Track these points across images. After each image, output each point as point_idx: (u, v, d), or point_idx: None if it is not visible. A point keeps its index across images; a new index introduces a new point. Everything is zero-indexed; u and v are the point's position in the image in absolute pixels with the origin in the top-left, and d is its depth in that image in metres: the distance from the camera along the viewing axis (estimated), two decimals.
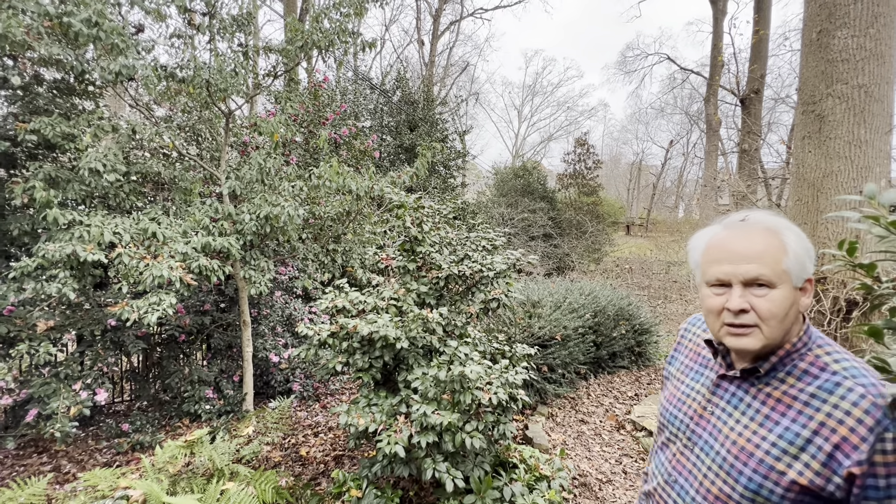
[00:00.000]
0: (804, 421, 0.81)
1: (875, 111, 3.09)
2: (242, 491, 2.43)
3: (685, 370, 1.07)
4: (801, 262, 0.85)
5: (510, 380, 2.68)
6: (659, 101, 25.12)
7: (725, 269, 0.86)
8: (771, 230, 0.86)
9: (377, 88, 11.35)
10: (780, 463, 0.81)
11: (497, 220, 12.25)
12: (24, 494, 2.49)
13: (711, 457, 0.91)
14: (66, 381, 3.34)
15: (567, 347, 4.82)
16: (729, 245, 0.87)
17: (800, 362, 0.86)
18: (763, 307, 0.82)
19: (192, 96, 4.08)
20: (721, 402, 0.94)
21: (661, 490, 1.02)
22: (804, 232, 2.86)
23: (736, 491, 0.85)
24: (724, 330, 0.87)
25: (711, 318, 0.90)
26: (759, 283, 0.83)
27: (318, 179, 3.78)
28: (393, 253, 3.33)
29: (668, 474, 1.01)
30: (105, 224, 3.15)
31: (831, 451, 0.77)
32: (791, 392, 0.85)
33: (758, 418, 0.87)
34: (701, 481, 0.92)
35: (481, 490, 2.65)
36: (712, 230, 0.94)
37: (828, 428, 0.78)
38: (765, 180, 10.90)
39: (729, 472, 0.87)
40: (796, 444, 0.80)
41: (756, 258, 0.83)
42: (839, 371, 0.82)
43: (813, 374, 0.84)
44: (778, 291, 0.83)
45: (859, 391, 0.78)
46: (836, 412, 0.78)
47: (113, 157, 3.37)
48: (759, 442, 0.84)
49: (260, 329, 4.80)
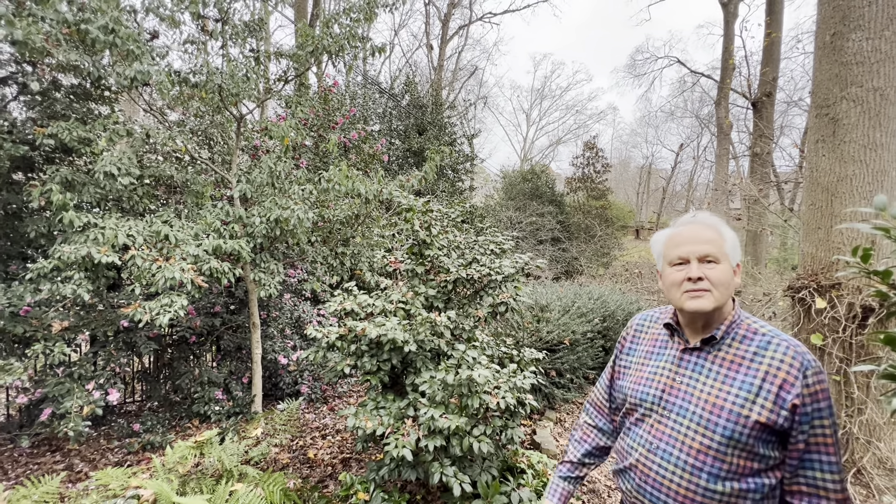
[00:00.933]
0: (754, 373, 1.04)
1: (891, 114, 3.04)
2: (251, 492, 2.45)
3: (647, 356, 1.25)
4: (735, 249, 1.12)
5: (518, 384, 2.66)
6: (669, 105, 24.94)
7: (686, 249, 1.11)
8: (713, 226, 1.14)
9: (386, 93, 11.43)
10: (744, 409, 1.02)
11: (505, 223, 12.24)
12: (38, 492, 2.53)
13: (689, 417, 1.09)
14: (80, 380, 3.39)
15: (576, 352, 4.79)
16: (687, 234, 1.13)
17: (738, 330, 1.10)
18: (713, 275, 1.08)
19: (204, 101, 4.14)
20: (687, 372, 1.13)
21: (643, 460, 1.15)
22: (818, 237, 2.84)
23: (714, 441, 1.04)
24: (685, 296, 1.10)
25: (674, 290, 1.13)
26: (709, 260, 1.09)
27: (327, 183, 3.81)
28: (401, 256, 3.34)
29: (650, 443, 1.15)
30: (119, 226, 3.20)
31: (777, 391, 1.00)
32: (739, 353, 1.08)
33: (720, 378, 1.08)
34: (682, 440, 1.09)
35: (489, 495, 2.63)
36: (669, 230, 1.20)
37: (771, 375, 1.02)
38: (777, 184, 10.76)
39: (706, 426, 1.05)
40: (753, 392, 1.02)
41: (707, 242, 1.10)
42: (766, 333, 1.07)
43: (749, 337, 1.08)
44: (722, 266, 1.09)
45: (784, 345, 1.04)
46: (774, 362, 1.02)
47: (127, 160, 3.43)
48: (726, 396, 1.05)
49: (269, 331, 4.83)
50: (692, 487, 1.05)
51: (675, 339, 1.19)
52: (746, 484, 1.02)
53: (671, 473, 1.09)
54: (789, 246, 11.39)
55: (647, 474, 1.13)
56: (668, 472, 1.09)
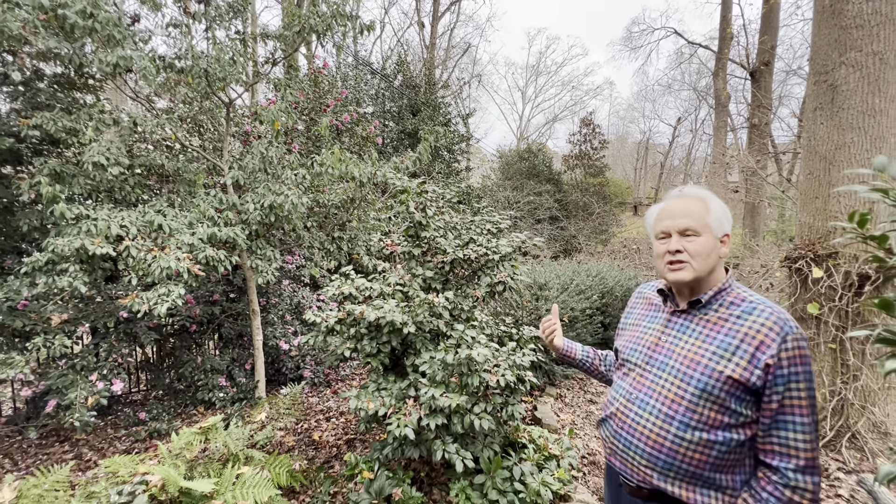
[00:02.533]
0: (734, 334, 1.10)
1: (890, 79, 2.99)
2: (257, 475, 2.49)
3: (641, 318, 1.35)
4: (720, 220, 1.17)
5: (517, 362, 2.69)
6: (666, 78, 24.58)
7: (666, 224, 1.20)
8: (699, 198, 1.19)
9: (378, 73, 11.21)
10: (719, 365, 1.08)
11: (502, 203, 12.17)
12: (49, 481, 2.57)
13: (667, 371, 1.17)
14: (83, 372, 3.42)
15: (575, 329, 4.82)
16: (670, 209, 1.21)
17: (727, 297, 1.17)
18: (691, 248, 1.15)
19: (191, 87, 4.05)
20: (672, 332, 1.22)
21: (622, 409, 1.24)
22: (816, 206, 2.83)
23: (688, 392, 1.11)
24: (667, 268, 1.19)
25: (659, 262, 1.22)
26: (689, 233, 1.16)
27: (320, 167, 3.77)
28: (398, 239, 3.33)
29: (630, 393, 1.24)
30: (112, 217, 3.17)
31: (753, 351, 1.06)
32: (723, 316, 1.14)
33: (701, 337, 1.15)
34: (659, 391, 1.17)
35: (491, 470, 2.69)
36: (659, 204, 1.28)
37: (750, 336, 1.08)
38: (775, 155, 10.68)
39: (682, 378, 1.13)
40: (729, 350, 1.09)
41: (686, 216, 1.17)
42: (753, 301, 1.13)
43: (736, 304, 1.15)
44: (702, 238, 1.15)
45: (768, 311, 1.09)
46: (755, 325, 1.08)
47: (116, 150, 3.38)
48: (704, 353, 1.12)
49: (269, 318, 4.85)
50: (663, 434, 1.13)
51: (666, 304, 1.28)
52: (715, 436, 1.08)
53: (645, 420, 1.17)
54: (787, 218, 11.38)
55: (624, 421, 1.22)
56: (643, 419, 1.17)
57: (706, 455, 1.09)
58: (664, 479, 1.13)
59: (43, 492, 2.48)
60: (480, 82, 24.73)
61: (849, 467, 2.93)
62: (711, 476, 1.10)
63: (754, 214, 10.04)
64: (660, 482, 1.14)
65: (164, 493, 2.29)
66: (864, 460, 2.97)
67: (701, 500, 1.11)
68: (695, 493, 1.11)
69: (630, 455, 1.20)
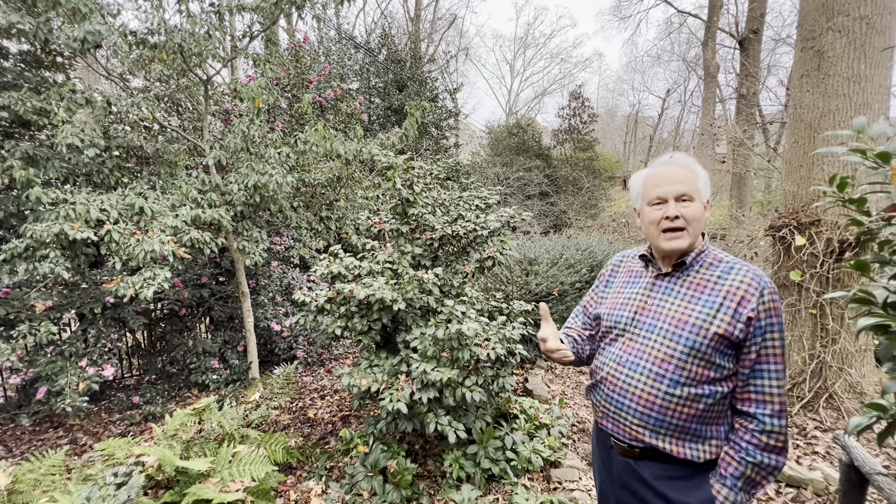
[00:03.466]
0: (717, 293, 1.16)
1: (876, 44, 2.98)
2: (253, 452, 2.53)
3: (623, 285, 1.37)
4: (706, 186, 1.22)
5: (508, 335, 2.72)
6: (655, 48, 24.26)
7: (663, 189, 1.20)
8: (687, 165, 1.23)
9: (362, 47, 10.89)
10: (706, 323, 1.14)
11: (492, 180, 12.10)
12: (45, 466, 2.58)
13: (656, 332, 1.21)
14: (72, 358, 3.39)
15: (564, 302, 4.88)
16: (664, 175, 1.23)
17: (706, 259, 1.22)
18: (688, 213, 1.18)
19: (166, 63, 3.90)
20: (658, 295, 1.26)
21: (612, 373, 1.27)
22: (800, 175, 2.84)
23: (677, 350, 1.16)
24: (663, 236, 1.21)
25: (652, 229, 1.23)
26: (684, 198, 1.19)
27: (304, 145, 3.69)
28: (385, 216, 3.30)
29: (619, 357, 1.27)
30: (90, 201, 3.09)
31: (736, 307, 1.12)
32: (705, 277, 1.20)
33: (686, 298, 1.20)
34: (648, 352, 1.21)
35: (483, 440, 2.76)
36: (646, 170, 1.29)
37: (731, 293, 1.14)
38: (762, 125, 10.70)
39: (671, 338, 1.18)
40: (714, 308, 1.14)
41: (682, 181, 1.20)
42: (730, 261, 1.20)
43: (715, 265, 1.21)
44: (695, 203, 1.19)
45: (745, 269, 1.16)
46: (734, 283, 1.15)
47: (90, 131, 3.27)
48: (691, 312, 1.17)
49: (259, 299, 4.83)
50: (654, 392, 1.18)
51: (649, 269, 1.31)
52: (702, 390, 1.14)
53: (636, 381, 1.21)
54: (773, 189, 11.49)
55: (616, 384, 1.25)
56: (634, 380, 1.21)
57: (694, 409, 1.15)
58: (655, 436, 1.18)
59: (39, 476, 2.49)
60: (468, 56, 24.20)
61: (825, 426, 3.06)
62: (698, 428, 1.17)
63: (741, 185, 10.11)
64: (651, 439, 1.19)
65: (160, 473, 2.32)
66: (840, 419, 3.10)
67: (690, 452, 1.17)
68: (683, 447, 1.17)
69: (622, 416, 1.24)
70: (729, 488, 1.12)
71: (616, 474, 1.30)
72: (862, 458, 1.42)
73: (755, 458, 1.10)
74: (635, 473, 1.23)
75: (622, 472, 1.28)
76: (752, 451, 1.11)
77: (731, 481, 1.12)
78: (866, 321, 0.80)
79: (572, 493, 2.60)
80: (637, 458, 1.23)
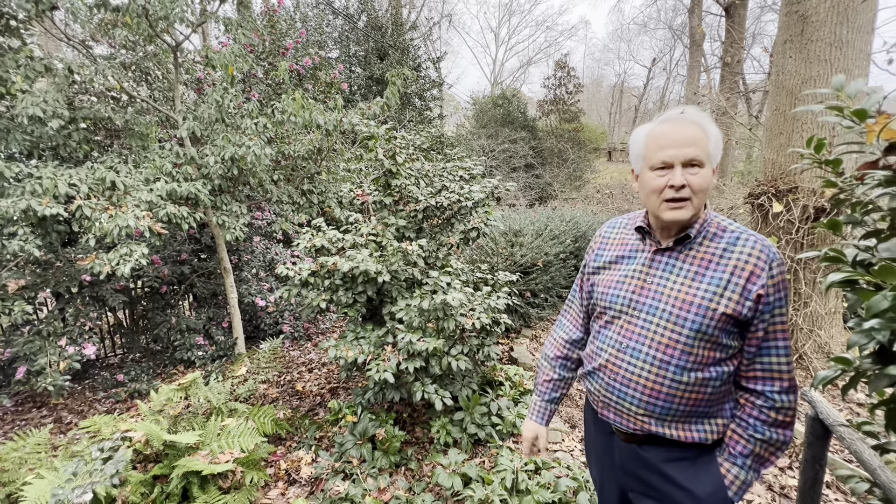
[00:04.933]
0: (723, 269, 1.05)
1: (859, 8, 2.96)
2: (242, 425, 2.55)
3: (616, 260, 1.23)
4: (718, 149, 1.06)
5: (492, 305, 2.75)
6: (642, 15, 23.80)
7: (670, 153, 1.04)
8: (699, 122, 1.05)
9: (340, 13, 10.44)
10: (712, 303, 1.04)
11: (477, 152, 11.97)
12: (29, 444, 2.56)
13: (658, 315, 1.10)
14: (50, 338, 3.33)
15: (549, 273, 4.94)
16: (671, 135, 1.05)
17: (710, 229, 1.10)
18: (696, 182, 1.03)
19: (131, 28, 3.67)
20: (658, 272, 1.13)
21: (613, 360, 1.17)
22: (780, 142, 2.85)
23: (683, 334, 1.06)
24: (664, 206, 1.06)
25: (653, 198, 1.08)
26: (693, 164, 1.03)
27: (282, 115, 3.56)
28: (368, 188, 3.24)
29: (619, 343, 1.16)
30: (58, 175, 2.96)
31: (744, 283, 1.02)
32: (709, 251, 1.08)
33: (690, 275, 1.08)
34: (651, 337, 1.10)
35: (469, 407, 2.82)
36: (651, 125, 1.11)
37: (739, 269, 1.03)
38: (745, 95, 10.71)
39: (675, 321, 1.07)
40: (721, 286, 1.04)
41: (693, 143, 1.03)
42: (735, 230, 1.08)
43: (719, 235, 1.08)
44: (706, 170, 1.04)
45: (752, 240, 1.05)
46: (742, 256, 1.04)
47: (53, 101, 3.09)
48: (696, 292, 1.06)
49: (243, 275, 4.77)
50: (659, 380, 1.09)
51: (646, 242, 1.17)
52: (709, 373, 1.06)
53: (639, 369, 1.11)
54: (754, 159, 11.63)
55: (617, 372, 1.15)
56: (637, 368, 1.11)
57: (702, 393, 1.08)
58: (661, 423, 1.11)
59: (24, 455, 2.48)
60: (451, 23, 23.40)
61: None
62: (706, 410, 1.10)
63: (724, 155, 10.22)
64: (657, 427, 1.12)
65: (148, 448, 2.33)
66: (808, 378, 3.26)
67: (697, 436, 1.10)
68: (690, 432, 1.11)
69: (625, 406, 1.15)
70: (739, 467, 1.07)
71: (620, 461, 1.23)
72: (826, 411, 1.50)
73: (764, 435, 1.06)
74: (641, 459, 1.16)
75: (626, 458, 1.20)
76: (760, 427, 1.06)
77: (740, 460, 1.07)
78: (835, 276, 0.82)
79: (555, 453, 2.70)
80: (641, 444, 1.16)
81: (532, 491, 2.16)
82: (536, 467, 2.43)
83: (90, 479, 1.96)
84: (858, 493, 1.24)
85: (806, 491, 1.56)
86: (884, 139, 0.82)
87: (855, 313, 0.97)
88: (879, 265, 0.72)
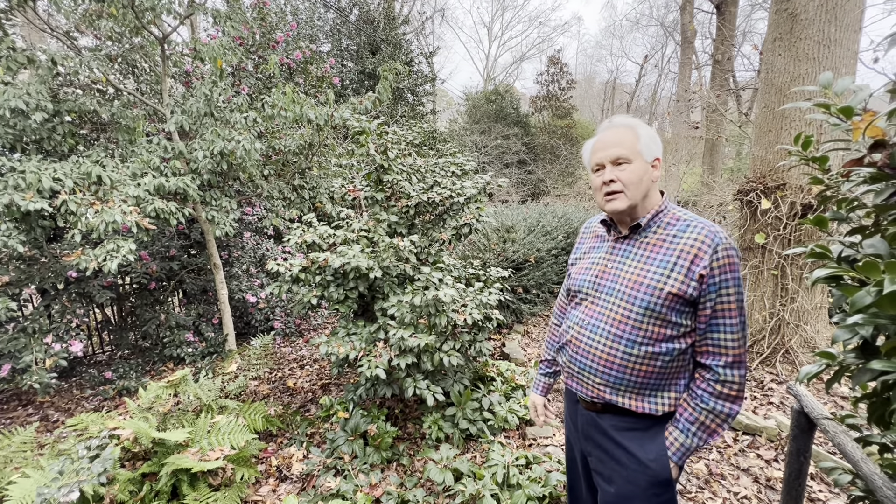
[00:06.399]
0: (671, 252, 1.17)
1: (847, 7, 2.99)
2: (232, 422, 2.53)
3: (589, 251, 1.40)
4: (650, 145, 1.21)
5: (484, 301, 2.75)
6: (634, 12, 23.86)
7: (600, 155, 1.24)
8: (628, 126, 1.23)
9: (332, 6, 10.32)
10: (659, 283, 1.16)
11: (470, 148, 11.95)
12: (15, 443, 2.53)
13: (614, 295, 1.24)
14: (36, 335, 3.27)
15: (541, 268, 4.96)
16: (602, 140, 1.25)
17: (664, 219, 1.23)
18: (624, 176, 1.20)
19: (116, 19, 3.60)
20: (617, 258, 1.28)
21: (576, 335, 1.31)
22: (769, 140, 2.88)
23: (633, 311, 1.19)
24: (604, 199, 1.24)
25: (598, 195, 1.26)
26: (620, 162, 1.20)
27: (272, 109, 3.52)
28: (360, 183, 3.22)
29: (582, 320, 1.31)
30: (42, 169, 2.90)
31: (689, 265, 1.14)
32: (661, 237, 1.21)
33: (642, 259, 1.22)
34: (607, 314, 1.24)
35: (461, 402, 2.83)
36: (594, 138, 1.29)
37: (685, 252, 1.15)
38: (735, 92, 10.80)
39: (627, 299, 1.20)
40: (668, 267, 1.16)
41: (617, 144, 1.21)
42: (687, 220, 1.20)
43: (672, 223, 1.21)
44: (633, 165, 1.20)
45: (700, 226, 1.17)
46: (689, 241, 1.16)
47: (36, 93, 3.03)
48: (646, 273, 1.19)
49: (233, 271, 4.73)
50: (612, 352, 1.22)
51: (610, 233, 1.33)
52: (659, 348, 1.18)
53: (597, 342, 1.25)
54: (744, 156, 11.74)
55: (578, 346, 1.30)
56: (595, 341, 1.25)
57: (652, 366, 1.19)
58: (615, 392, 1.23)
59: (9, 453, 2.45)
60: (444, 17, 23.26)
61: (781, 378, 3.27)
62: (657, 383, 1.21)
63: (713, 152, 10.28)
64: (612, 396, 1.24)
65: (137, 446, 2.30)
66: (794, 372, 3.31)
67: (648, 406, 1.22)
68: (642, 402, 1.22)
69: (585, 376, 1.28)
70: (681, 430, 1.18)
71: (580, 426, 1.37)
72: (811, 404, 1.52)
73: (708, 405, 1.16)
74: (598, 426, 1.30)
75: (586, 424, 1.34)
76: (706, 398, 1.16)
77: (683, 425, 1.18)
78: (821, 272, 0.83)
79: (546, 448, 2.72)
80: (599, 412, 1.29)
81: (523, 485, 2.18)
82: (528, 462, 2.44)
83: (77, 477, 1.93)
84: (841, 484, 1.26)
85: (791, 482, 1.59)
86: (869, 136, 0.83)
87: (840, 308, 0.98)
88: (863, 261, 0.73)
